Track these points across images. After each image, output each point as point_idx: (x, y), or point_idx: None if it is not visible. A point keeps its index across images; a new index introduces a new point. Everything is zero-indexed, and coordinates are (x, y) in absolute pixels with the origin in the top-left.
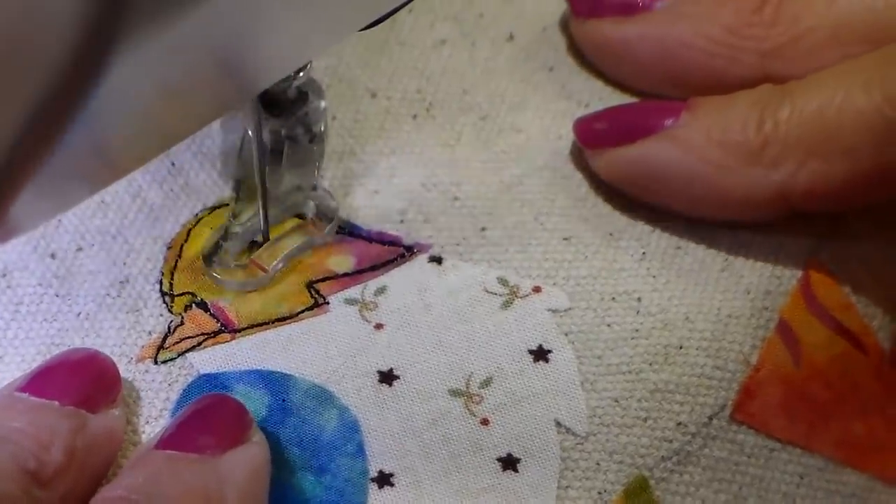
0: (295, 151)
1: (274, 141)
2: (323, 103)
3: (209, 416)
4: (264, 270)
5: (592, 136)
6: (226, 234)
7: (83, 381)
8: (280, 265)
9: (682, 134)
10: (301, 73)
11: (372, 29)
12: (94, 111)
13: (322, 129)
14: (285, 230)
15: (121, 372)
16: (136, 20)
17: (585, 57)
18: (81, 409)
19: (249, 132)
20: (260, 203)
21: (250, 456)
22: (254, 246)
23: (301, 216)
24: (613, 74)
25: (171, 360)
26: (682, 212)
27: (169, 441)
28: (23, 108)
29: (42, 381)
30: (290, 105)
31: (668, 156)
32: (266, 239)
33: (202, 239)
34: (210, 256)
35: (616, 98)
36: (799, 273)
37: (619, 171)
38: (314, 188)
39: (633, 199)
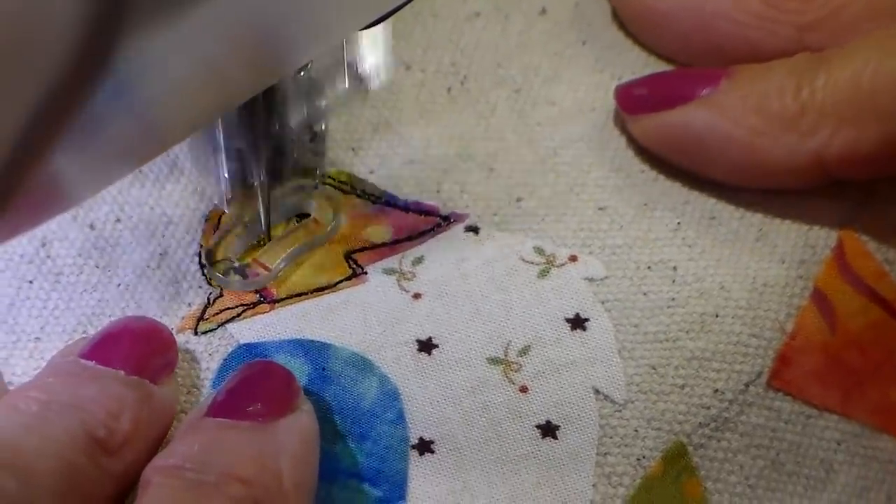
0: (296, 150)
1: (275, 140)
2: (324, 102)
3: (259, 384)
4: (267, 270)
5: (632, 101)
6: (228, 234)
7: (147, 350)
8: (283, 265)
9: (721, 100)
10: (302, 73)
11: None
12: (136, 85)
13: (322, 128)
14: (287, 229)
15: None
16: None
17: (622, 29)
18: (145, 379)
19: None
20: (262, 203)
21: (301, 424)
22: (256, 245)
23: (303, 215)
24: (652, 44)
25: (211, 330)
26: (718, 178)
27: (219, 408)
28: (31, 99)
29: (106, 349)
30: (292, 105)
31: (705, 122)
32: (268, 238)
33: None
34: (212, 255)
35: (648, 71)
36: (833, 242)
37: (658, 137)
38: (315, 187)
39: (668, 168)
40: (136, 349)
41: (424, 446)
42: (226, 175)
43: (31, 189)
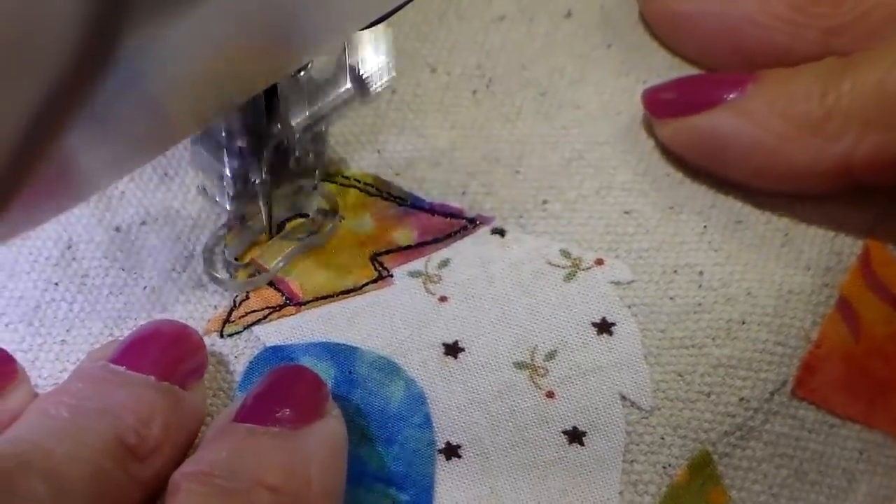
0: (297, 151)
1: (277, 141)
2: (325, 103)
3: (287, 389)
4: (265, 270)
5: (660, 105)
6: (227, 234)
7: (176, 355)
8: (281, 264)
9: (748, 105)
10: (301, 73)
11: (429, 3)
12: (147, 76)
13: (323, 128)
14: (287, 229)
15: None
16: None
17: (647, 32)
18: (174, 383)
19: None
20: (262, 203)
21: (330, 429)
22: (255, 245)
23: (303, 216)
24: (678, 48)
25: (237, 333)
26: (744, 182)
27: (248, 414)
28: (31, 99)
29: (136, 354)
30: (292, 106)
31: (732, 126)
32: (268, 238)
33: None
34: (211, 255)
35: (674, 75)
36: (858, 250)
37: (685, 140)
38: (315, 188)
39: (694, 172)
40: (166, 354)
41: (451, 451)
42: (229, 174)
43: (44, 180)
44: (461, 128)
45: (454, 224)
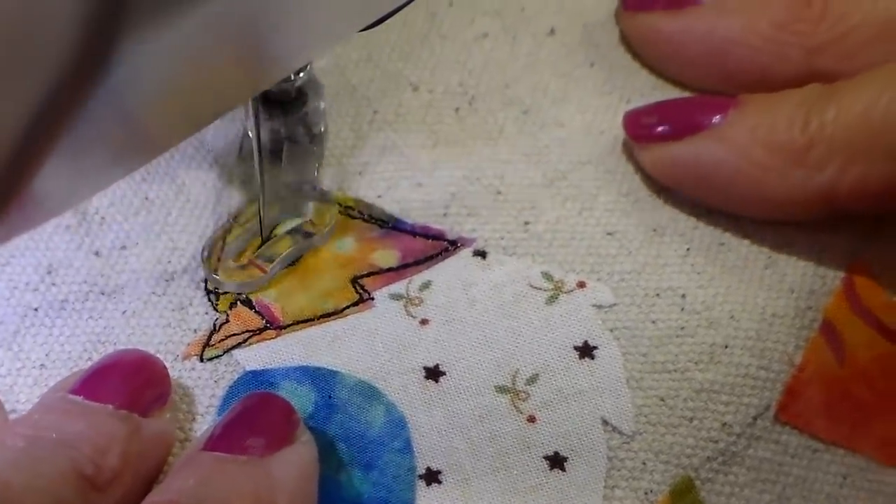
0: (294, 152)
1: (273, 141)
2: (322, 104)
3: (256, 417)
4: (263, 271)
5: (640, 130)
6: (225, 235)
7: (136, 384)
8: (279, 266)
9: (729, 133)
10: (301, 74)
11: (412, 22)
12: (124, 87)
13: (322, 129)
14: (284, 231)
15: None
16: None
17: (630, 51)
18: (134, 412)
19: (249, 132)
20: (259, 203)
21: (299, 456)
22: (252, 247)
23: (300, 216)
24: (661, 68)
25: (217, 357)
26: (726, 210)
27: (217, 442)
28: (30, 100)
29: (95, 384)
30: (290, 105)
31: (714, 155)
32: (265, 239)
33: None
34: (209, 257)
35: (657, 94)
36: (842, 273)
37: (666, 168)
38: (314, 188)
39: (677, 193)
40: (126, 382)
41: (432, 476)
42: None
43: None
44: (443, 146)
45: (436, 246)
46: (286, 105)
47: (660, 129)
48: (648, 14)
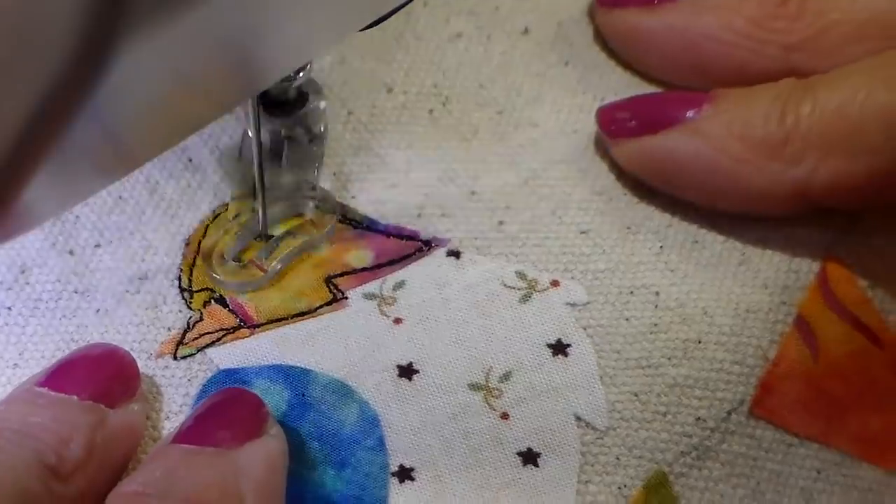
0: (294, 152)
1: (273, 141)
2: (323, 104)
3: (226, 410)
4: (263, 271)
5: (615, 125)
6: (226, 235)
7: (102, 375)
8: (279, 266)
9: (704, 126)
10: (301, 74)
11: (386, 22)
12: (107, 99)
13: (322, 129)
14: (284, 230)
15: (140, 368)
16: (145, 10)
17: (605, 50)
18: (101, 403)
19: (249, 133)
20: (259, 203)
21: (267, 449)
22: (253, 246)
23: (300, 216)
24: (636, 64)
25: (191, 355)
26: (700, 204)
27: (186, 435)
28: (27, 103)
29: (61, 376)
30: (290, 105)
31: (688, 148)
32: (265, 239)
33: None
34: (209, 256)
35: (631, 93)
36: (816, 268)
37: (640, 162)
38: (314, 188)
39: (651, 191)
40: (92, 374)
41: (405, 473)
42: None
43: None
44: (417, 148)
45: (410, 246)
46: (286, 106)
47: (633, 123)
48: (624, 10)
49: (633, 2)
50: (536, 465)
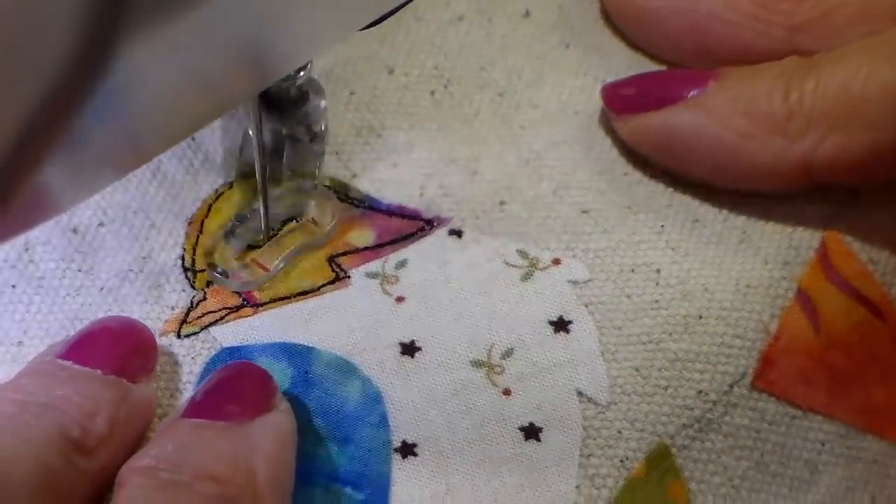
0: (295, 151)
1: (274, 140)
2: (323, 102)
3: (235, 384)
4: (266, 270)
5: (620, 101)
6: (228, 234)
7: (125, 350)
8: (281, 265)
9: (709, 102)
10: (301, 73)
11: None
12: (118, 94)
13: (322, 128)
14: (286, 229)
15: None
16: (148, 8)
17: (605, 31)
18: (122, 378)
19: (250, 132)
20: (261, 202)
21: (277, 423)
22: (255, 245)
23: (302, 215)
24: (642, 44)
25: (194, 333)
26: (703, 180)
27: (196, 409)
28: (29, 101)
29: (84, 349)
30: (291, 104)
31: (693, 123)
32: (267, 238)
33: (222, 214)
34: (211, 255)
35: (633, 73)
36: (816, 243)
37: (645, 138)
38: (315, 187)
39: (652, 171)
40: (114, 348)
41: (407, 449)
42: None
43: (24, 192)
44: (419, 129)
45: (412, 225)
46: (287, 104)
47: (638, 99)
48: None
49: None
50: (538, 439)
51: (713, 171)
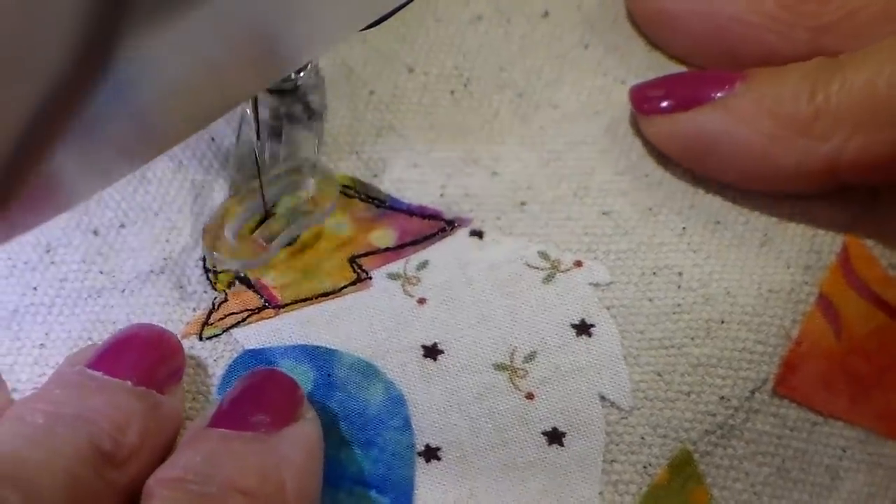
0: (294, 130)
1: (273, 119)
2: (322, 80)
3: (262, 393)
4: (264, 249)
5: (647, 102)
6: (225, 214)
7: (153, 360)
8: (280, 244)
9: (736, 103)
10: (301, 74)
11: (407, 5)
12: (135, 86)
13: (321, 107)
14: (286, 208)
15: None
16: (150, 6)
17: (625, 31)
18: (152, 388)
19: (248, 111)
20: (259, 182)
21: (305, 433)
22: (254, 224)
23: (301, 194)
24: (667, 47)
25: (216, 336)
26: (729, 182)
27: (223, 419)
28: (33, 97)
29: (113, 359)
30: (289, 84)
31: (720, 125)
32: (266, 217)
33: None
34: (209, 235)
35: (651, 74)
36: (838, 248)
37: (672, 139)
38: (314, 165)
39: (672, 172)
40: (144, 358)
41: (431, 453)
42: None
43: (30, 190)
44: (439, 129)
45: (433, 226)
46: (285, 83)
47: (666, 101)
48: None
49: None
50: (562, 444)
51: (739, 174)
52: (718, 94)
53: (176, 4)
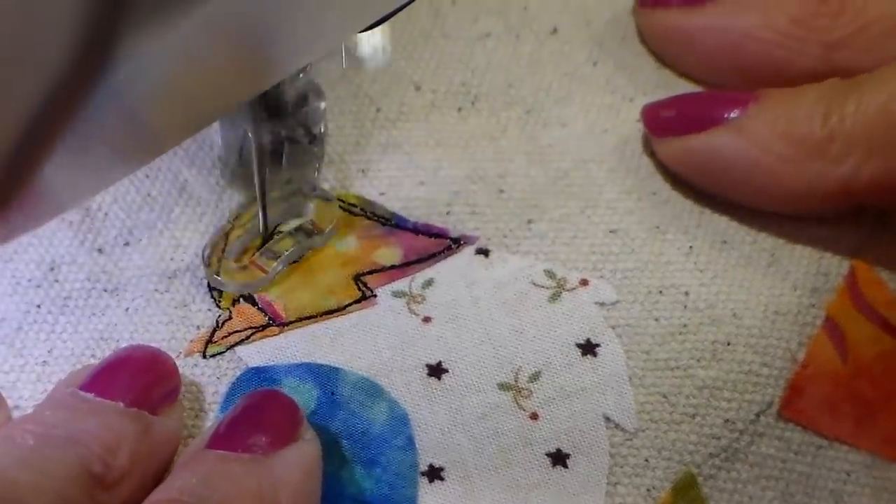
0: (295, 153)
1: (274, 142)
2: (323, 104)
3: (260, 414)
4: (264, 272)
5: (660, 123)
6: (226, 236)
7: (146, 381)
8: (280, 267)
9: (749, 125)
10: (301, 75)
11: (414, 21)
12: (126, 86)
13: (322, 130)
14: (285, 232)
15: None
16: (149, 6)
17: (634, 49)
18: (144, 410)
19: (249, 134)
20: (259, 205)
21: (303, 454)
22: (254, 247)
23: (301, 217)
24: (677, 64)
25: (220, 353)
26: (742, 203)
27: (220, 440)
28: (31, 98)
29: (106, 381)
30: (290, 107)
31: (733, 146)
32: (266, 240)
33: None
34: (210, 257)
35: (660, 92)
36: (845, 270)
37: (684, 160)
38: (314, 189)
39: (680, 191)
40: (136, 380)
41: (434, 473)
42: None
43: (25, 192)
44: (446, 146)
45: (438, 244)
46: (286, 106)
47: (679, 121)
48: (665, 10)
49: (674, 1)
50: (566, 466)
51: (752, 195)
52: (731, 116)
53: (175, 4)
